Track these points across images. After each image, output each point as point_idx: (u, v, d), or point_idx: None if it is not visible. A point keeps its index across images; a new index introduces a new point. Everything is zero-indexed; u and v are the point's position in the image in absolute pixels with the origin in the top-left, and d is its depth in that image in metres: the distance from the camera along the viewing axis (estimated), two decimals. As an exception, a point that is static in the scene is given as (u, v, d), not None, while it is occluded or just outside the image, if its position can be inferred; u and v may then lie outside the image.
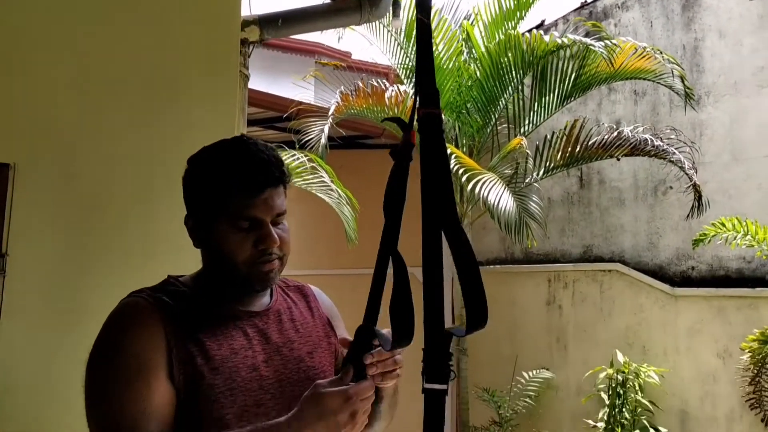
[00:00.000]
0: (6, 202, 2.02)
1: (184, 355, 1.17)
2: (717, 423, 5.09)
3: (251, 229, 1.24)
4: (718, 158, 5.41)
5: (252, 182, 1.23)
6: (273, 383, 1.24)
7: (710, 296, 5.25)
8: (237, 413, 1.18)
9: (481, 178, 4.91)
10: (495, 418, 5.89)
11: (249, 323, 1.28)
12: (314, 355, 1.33)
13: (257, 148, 1.27)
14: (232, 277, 1.25)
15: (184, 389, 1.16)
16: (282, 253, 1.28)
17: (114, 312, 1.23)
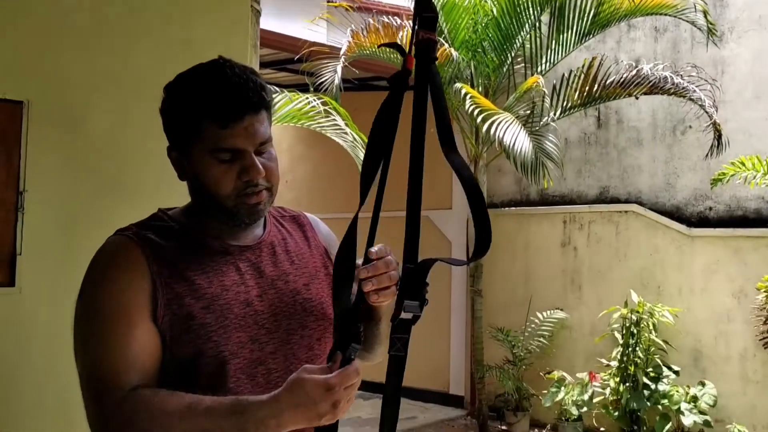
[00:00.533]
0: (21, 140, 2.02)
1: (171, 294, 1.14)
2: (730, 361, 5.14)
3: (234, 161, 1.17)
4: (739, 96, 5.30)
5: (229, 110, 1.15)
6: (268, 318, 1.21)
7: (727, 237, 5.22)
8: (232, 350, 1.16)
9: (497, 119, 4.85)
10: (509, 357, 5.97)
11: (241, 258, 1.23)
12: (311, 287, 1.29)
13: (234, 71, 1.18)
14: (218, 211, 1.20)
15: (172, 330, 1.13)
16: (269, 184, 1.21)
17: (98, 252, 1.20)
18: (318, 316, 1.28)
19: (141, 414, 1.07)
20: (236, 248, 1.23)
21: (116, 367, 1.10)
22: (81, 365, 1.15)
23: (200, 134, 1.17)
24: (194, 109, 1.17)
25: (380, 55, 5.47)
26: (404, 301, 1.05)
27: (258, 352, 1.19)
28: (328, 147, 5.61)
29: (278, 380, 1.19)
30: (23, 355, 1.99)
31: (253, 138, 1.17)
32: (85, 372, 1.13)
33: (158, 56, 2.26)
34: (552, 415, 5.75)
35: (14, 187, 1.99)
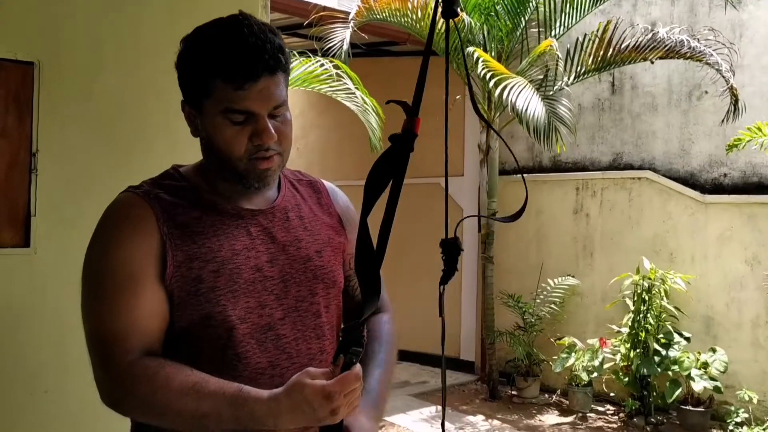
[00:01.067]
0: (33, 101, 2.02)
1: (181, 257, 1.12)
2: (742, 328, 5.13)
3: (246, 123, 1.13)
4: (757, 60, 5.20)
5: (244, 71, 1.10)
6: (277, 284, 1.19)
7: (741, 203, 5.17)
8: (240, 315, 1.15)
9: (510, 83, 4.80)
10: (520, 324, 6.00)
11: (253, 222, 1.21)
12: (323, 254, 1.27)
13: (252, 30, 1.12)
14: (229, 173, 1.17)
15: (180, 292, 1.12)
16: (281, 149, 1.18)
17: (107, 208, 1.19)
18: (328, 284, 1.27)
19: (143, 385, 1.07)
20: (248, 212, 1.21)
21: (122, 331, 1.10)
22: (87, 325, 1.14)
23: (213, 93, 1.13)
24: (208, 67, 1.13)
25: (390, 19, 5.40)
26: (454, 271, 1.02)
27: (267, 318, 1.18)
28: (339, 113, 5.58)
29: (287, 347, 1.19)
30: (40, 315, 2.01)
31: (268, 101, 1.13)
32: (91, 333, 1.13)
33: (168, 16, 2.24)
34: (562, 381, 5.79)
35: (27, 148, 1.99)
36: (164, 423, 1.10)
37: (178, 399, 1.06)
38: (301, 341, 1.21)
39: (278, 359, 1.17)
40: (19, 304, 1.99)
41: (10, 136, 1.98)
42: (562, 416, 5.48)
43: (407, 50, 6.55)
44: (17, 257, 1.99)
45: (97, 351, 1.12)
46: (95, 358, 1.12)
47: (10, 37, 1.98)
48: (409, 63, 6.93)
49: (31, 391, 1.97)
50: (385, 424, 5.06)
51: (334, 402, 1.03)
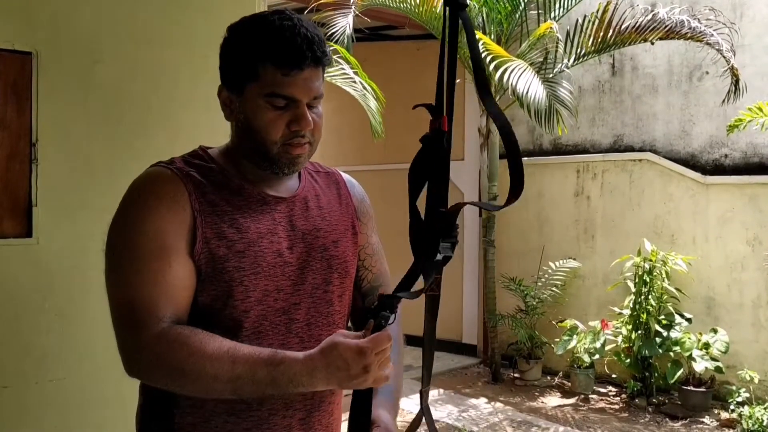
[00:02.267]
0: (32, 91, 2.01)
1: (210, 234, 1.16)
2: (743, 309, 5.15)
3: (286, 109, 1.18)
4: (758, 40, 5.17)
5: (294, 57, 1.16)
6: (295, 270, 1.23)
7: (742, 184, 5.17)
8: (258, 297, 1.18)
9: (510, 66, 4.78)
10: (521, 307, 6.01)
11: (276, 208, 1.25)
12: (339, 245, 1.31)
13: (302, 23, 1.19)
14: (261, 156, 1.21)
15: (206, 267, 1.15)
16: (313, 138, 1.23)
17: (138, 180, 1.20)
18: (342, 274, 1.31)
19: (178, 350, 1.09)
20: (272, 198, 1.25)
21: (155, 299, 1.12)
22: (116, 293, 1.15)
23: (260, 77, 1.17)
24: (258, 51, 1.17)
25: (391, 4, 5.36)
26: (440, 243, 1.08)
27: (282, 302, 1.21)
28: (339, 99, 5.56)
29: (299, 330, 1.23)
30: (43, 304, 2.02)
31: (309, 90, 1.19)
32: (121, 301, 1.14)
33: (167, 2, 2.23)
34: (564, 363, 5.82)
35: (27, 138, 1.99)
36: (197, 388, 1.11)
37: (213, 362, 1.07)
38: (313, 327, 1.25)
39: (289, 343, 1.21)
40: (21, 294, 2.00)
41: (10, 127, 1.98)
42: (564, 398, 5.52)
43: (406, 34, 6.52)
44: (19, 247, 1.99)
45: (126, 318, 1.13)
46: (125, 326, 1.13)
47: (7, 26, 1.97)
48: (408, 47, 6.90)
49: (36, 380, 1.99)
50: (389, 407, 5.09)
51: (366, 358, 1.06)
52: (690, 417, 4.94)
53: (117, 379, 2.00)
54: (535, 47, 5.25)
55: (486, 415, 5.05)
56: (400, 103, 6.44)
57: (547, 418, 5.04)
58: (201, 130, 2.21)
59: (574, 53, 5.34)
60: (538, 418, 5.03)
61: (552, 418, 5.02)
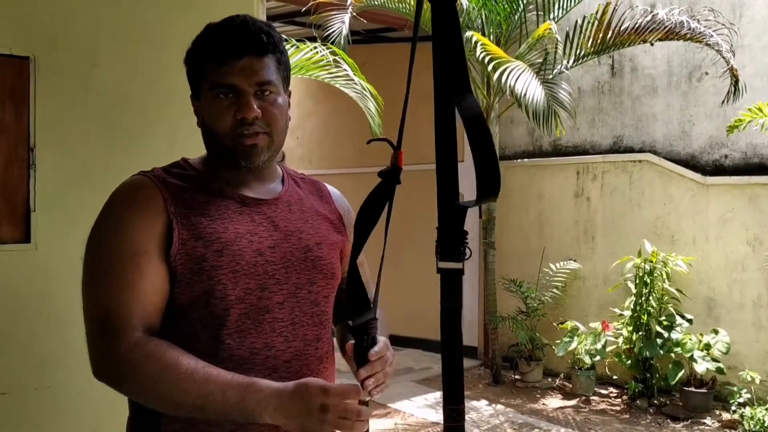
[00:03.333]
0: (29, 96, 2.01)
1: (187, 235, 1.17)
2: (744, 309, 5.14)
3: (233, 100, 1.21)
4: (758, 40, 5.17)
5: (227, 47, 1.21)
6: (279, 269, 1.24)
7: (743, 184, 5.16)
8: (240, 295, 1.19)
9: (508, 67, 4.78)
10: (522, 308, 6.01)
11: (257, 210, 1.26)
12: (322, 247, 1.32)
13: (244, 19, 1.24)
14: (219, 151, 1.25)
15: (183, 269, 1.16)
16: (268, 128, 1.23)
17: (116, 190, 1.23)
18: (327, 275, 1.31)
19: (154, 363, 1.10)
20: (252, 200, 1.27)
21: (128, 307, 1.13)
22: (89, 302, 1.17)
23: (205, 74, 1.23)
24: (202, 52, 1.25)
25: (389, 5, 5.36)
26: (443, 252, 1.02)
27: (266, 300, 1.22)
28: (337, 102, 5.56)
29: (284, 330, 1.23)
30: (42, 310, 2.01)
31: (250, 77, 1.20)
32: (94, 310, 1.16)
33: (165, 4, 2.22)
34: (565, 365, 5.81)
35: (25, 143, 1.98)
36: (166, 404, 1.12)
37: (186, 378, 1.09)
38: (298, 326, 1.25)
39: (274, 341, 1.21)
40: (20, 299, 1.99)
41: (7, 132, 1.97)
42: (565, 399, 5.51)
43: (405, 36, 6.51)
44: (18, 253, 1.99)
45: (99, 327, 1.14)
46: (99, 334, 1.14)
47: (5, 31, 1.96)
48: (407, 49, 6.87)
49: (35, 386, 1.98)
50: (390, 410, 5.09)
51: (328, 398, 1.08)
52: (691, 418, 4.93)
53: (116, 384, 2.00)
54: (534, 48, 5.25)
55: (487, 417, 5.05)
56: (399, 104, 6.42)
57: (548, 419, 5.03)
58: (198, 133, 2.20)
59: (574, 54, 5.34)
60: (540, 419, 5.02)
61: (553, 420, 5.01)
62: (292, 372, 1.21)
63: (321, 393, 1.08)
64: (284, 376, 1.20)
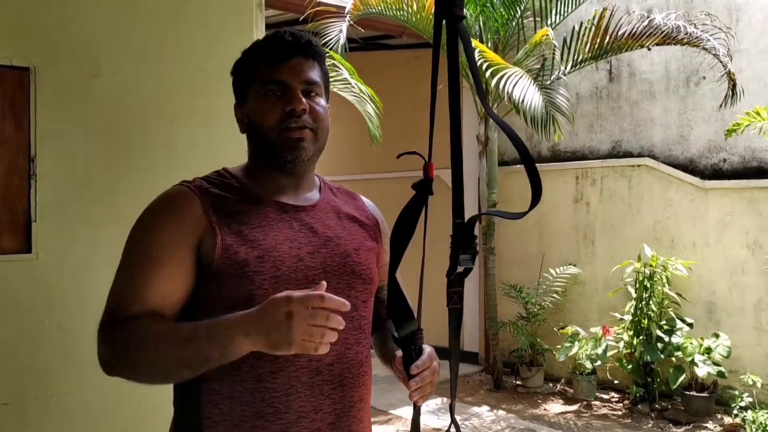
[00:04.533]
0: (30, 106, 2.01)
1: (230, 241, 1.21)
2: (744, 313, 5.14)
3: (282, 96, 1.27)
4: (755, 45, 5.19)
5: (280, 48, 1.29)
6: (318, 273, 1.27)
7: (741, 188, 5.17)
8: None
9: (506, 73, 4.80)
10: (522, 314, 6.01)
11: (296, 217, 1.30)
12: (360, 253, 1.35)
13: (293, 30, 1.33)
14: (264, 147, 1.29)
15: (226, 274, 1.20)
16: (314, 125, 1.29)
17: (157, 198, 1.29)
18: (365, 280, 1.34)
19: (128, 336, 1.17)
20: (291, 207, 1.31)
21: (128, 299, 1.19)
22: (112, 283, 1.24)
23: (256, 77, 1.30)
24: (252, 57, 1.33)
25: (387, 13, 5.38)
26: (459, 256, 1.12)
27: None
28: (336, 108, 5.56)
29: None
30: (43, 320, 2.01)
31: (299, 75, 1.28)
32: (111, 290, 1.23)
33: (164, 16, 2.23)
34: (566, 370, 5.81)
35: (25, 154, 1.98)
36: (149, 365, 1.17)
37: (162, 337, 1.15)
38: (348, 322, 1.25)
39: None
40: (21, 309, 1.99)
41: (8, 143, 1.97)
42: (566, 405, 5.50)
43: (404, 43, 6.54)
44: (19, 263, 1.99)
45: (107, 316, 1.21)
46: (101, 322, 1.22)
47: (5, 42, 1.97)
48: (405, 56, 6.91)
49: (36, 397, 1.98)
50: (392, 417, 5.08)
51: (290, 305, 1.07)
52: (693, 422, 4.92)
53: (118, 395, 1.99)
54: (532, 54, 5.27)
55: (489, 423, 5.04)
56: (399, 111, 6.46)
57: (549, 425, 5.02)
58: (199, 144, 2.21)
59: (571, 60, 5.36)
60: (541, 425, 5.02)
61: (555, 425, 5.01)
62: (335, 375, 1.25)
63: (284, 302, 1.08)
64: (327, 378, 1.24)
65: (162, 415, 1.43)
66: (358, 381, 1.29)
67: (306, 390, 1.21)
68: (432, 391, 1.27)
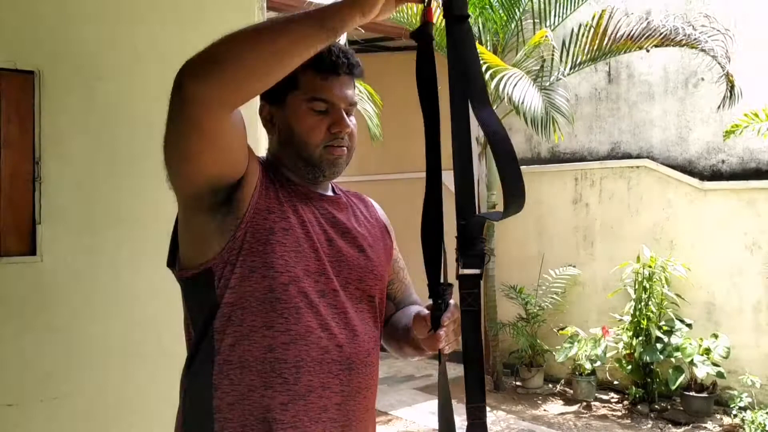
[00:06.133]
0: (34, 110, 2.03)
1: (262, 206, 1.24)
2: (743, 314, 5.15)
3: (327, 113, 1.29)
4: (753, 46, 5.20)
5: (331, 62, 1.28)
6: (333, 261, 1.31)
7: (740, 189, 5.19)
8: (299, 275, 1.24)
9: (506, 74, 4.81)
10: (522, 315, 6.02)
11: (319, 204, 1.34)
12: (374, 249, 1.40)
13: (342, 46, 1.34)
14: (304, 160, 1.30)
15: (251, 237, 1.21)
16: (351, 144, 1.33)
17: None
18: (376, 276, 1.38)
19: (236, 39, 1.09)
20: (317, 195, 1.35)
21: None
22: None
23: (300, 84, 1.28)
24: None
25: (386, 14, 5.39)
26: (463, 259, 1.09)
27: (323, 285, 1.28)
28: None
29: (335, 316, 1.28)
30: (47, 321, 2.03)
31: (345, 96, 1.30)
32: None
33: (165, 19, 2.25)
34: (566, 370, 5.82)
35: (30, 157, 2.01)
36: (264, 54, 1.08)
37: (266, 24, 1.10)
38: (349, 317, 1.30)
39: (329, 324, 1.26)
40: (26, 311, 2.01)
41: (13, 146, 1.99)
42: (566, 405, 5.52)
43: (403, 45, 6.55)
44: (24, 265, 2.01)
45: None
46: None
47: (10, 46, 1.99)
48: (404, 58, 6.91)
49: (41, 398, 2.00)
50: (392, 418, 5.09)
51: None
52: (692, 423, 4.94)
53: (121, 395, 2.01)
54: (531, 56, 5.29)
55: (488, 424, 5.03)
56: (398, 113, 6.47)
57: (549, 425, 5.03)
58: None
59: (570, 62, 5.38)
60: (541, 425, 5.03)
61: (554, 426, 5.02)
62: (344, 356, 1.27)
63: None
64: (336, 358, 1.26)
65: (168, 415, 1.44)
66: (366, 369, 1.31)
67: (315, 365, 1.23)
68: (457, 340, 1.28)
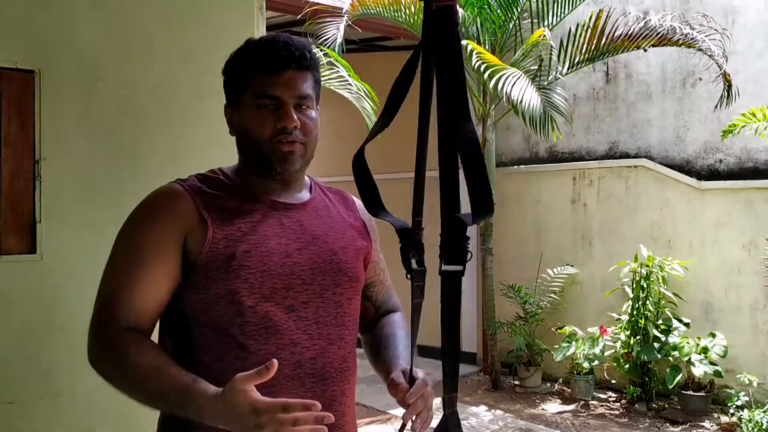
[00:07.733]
0: (35, 109, 2.03)
1: (219, 236, 1.24)
2: (740, 312, 5.17)
3: (274, 109, 1.29)
4: (750, 47, 5.23)
5: (275, 59, 1.29)
6: (305, 270, 1.30)
7: (738, 189, 5.21)
8: (265, 294, 1.25)
9: (504, 74, 4.82)
10: (520, 314, 6.03)
11: (285, 214, 1.33)
12: (347, 251, 1.38)
13: (288, 37, 1.32)
14: (255, 157, 1.31)
15: (212, 266, 1.23)
16: (305, 139, 1.32)
17: (148, 196, 1.32)
18: (351, 278, 1.37)
19: (118, 354, 1.19)
20: (281, 205, 1.34)
21: (117, 301, 1.22)
22: (97, 292, 1.27)
23: (248, 84, 1.30)
24: (247, 61, 1.32)
25: (385, 14, 5.40)
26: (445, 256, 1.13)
27: (291, 300, 1.27)
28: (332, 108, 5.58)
29: (308, 328, 1.29)
30: (48, 320, 2.03)
31: (293, 90, 1.29)
32: (97, 300, 1.26)
33: (165, 19, 2.25)
34: (564, 370, 5.83)
35: (30, 155, 2.01)
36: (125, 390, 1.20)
37: (141, 373, 1.16)
38: (321, 326, 1.30)
39: (299, 339, 1.27)
40: (26, 309, 2.01)
41: (13, 145, 1.99)
42: (564, 404, 5.53)
43: (400, 45, 6.56)
44: (24, 263, 2.01)
45: (96, 314, 1.25)
46: (93, 320, 1.25)
47: (10, 45, 1.99)
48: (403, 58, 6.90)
49: (42, 396, 2.00)
50: (390, 416, 5.10)
51: (259, 417, 1.06)
52: (690, 422, 4.95)
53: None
54: (529, 56, 5.30)
55: (487, 423, 5.06)
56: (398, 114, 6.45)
57: (547, 424, 5.05)
58: (200, 145, 2.23)
59: (568, 61, 5.39)
60: (539, 424, 5.04)
61: (552, 425, 5.03)
62: (317, 368, 1.28)
63: (251, 413, 1.07)
64: (309, 371, 1.26)
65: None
66: (341, 376, 1.32)
67: (288, 382, 1.24)
68: (429, 416, 1.30)
